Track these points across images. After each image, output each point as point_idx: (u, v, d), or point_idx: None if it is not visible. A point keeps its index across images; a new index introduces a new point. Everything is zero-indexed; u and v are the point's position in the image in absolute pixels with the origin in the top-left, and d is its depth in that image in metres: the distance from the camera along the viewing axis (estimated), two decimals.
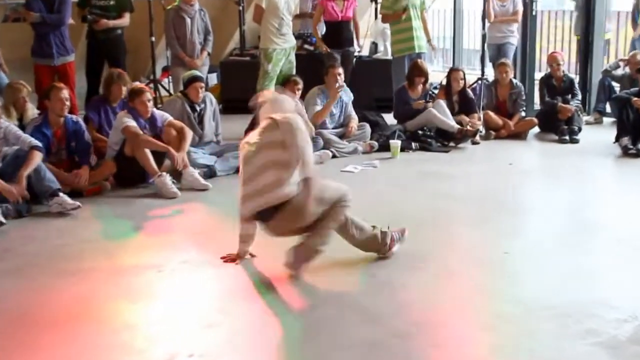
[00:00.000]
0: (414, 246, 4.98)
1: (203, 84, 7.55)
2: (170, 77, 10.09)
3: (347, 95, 8.65)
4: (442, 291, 4.23)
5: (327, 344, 3.56)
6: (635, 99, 8.31)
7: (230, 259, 4.69)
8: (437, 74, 10.51)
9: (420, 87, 9.05)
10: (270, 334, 3.70)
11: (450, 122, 8.73)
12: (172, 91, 9.87)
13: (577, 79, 10.24)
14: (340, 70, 8.47)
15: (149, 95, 6.86)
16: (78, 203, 5.97)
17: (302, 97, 8.04)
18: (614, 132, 8.52)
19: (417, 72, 9.01)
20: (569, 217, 5.80)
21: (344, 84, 8.59)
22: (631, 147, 8.00)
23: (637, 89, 8.59)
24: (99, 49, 9.02)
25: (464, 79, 9.25)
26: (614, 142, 8.38)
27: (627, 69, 10.08)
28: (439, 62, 14.42)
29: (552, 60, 9.60)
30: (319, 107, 8.27)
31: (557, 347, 3.45)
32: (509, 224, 5.60)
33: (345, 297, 4.13)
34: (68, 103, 6.64)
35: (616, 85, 10.25)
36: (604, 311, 3.84)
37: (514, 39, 10.69)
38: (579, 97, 9.62)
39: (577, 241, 5.13)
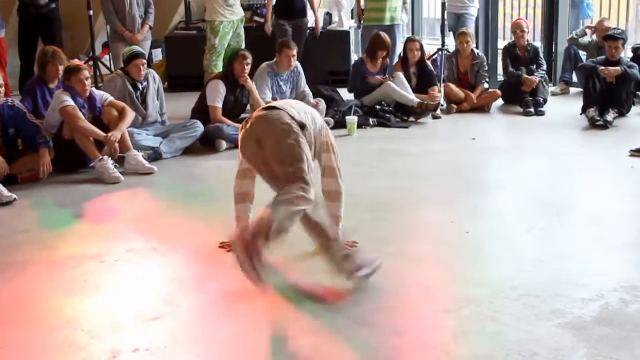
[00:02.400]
0: (374, 229, 5.00)
1: (144, 60, 7.46)
2: (110, 54, 9.98)
3: (299, 69, 8.62)
4: (403, 275, 4.23)
5: (281, 333, 3.56)
6: (602, 67, 8.41)
7: (227, 244, 4.39)
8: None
9: (380, 60, 9.06)
10: (219, 325, 3.68)
11: (409, 95, 8.76)
12: (113, 69, 9.77)
13: (541, 48, 10.32)
14: (295, 51, 8.42)
15: (86, 73, 6.76)
16: (14, 196, 5.88)
17: (251, 73, 7.99)
18: (580, 102, 8.62)
19: (379, 45, 9.00)
20: (535, 194, 5.85)
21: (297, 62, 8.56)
22: (598, 118, 8.10)
23: (604, 57, 8.68)
24: (32, 24, 8.89)
25: (421, 49, 9.27)
26: (581, 114, 8.48)
27: (594, 37, 10.19)
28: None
29: (516, 26, 9.67)
30: (269, 94, 8.22)
31: (522, 329, 3.48)
32: (473, 203, 5.64)
33: (300, 284, 4.12)
34: (2, 89, 6.45)
35: (583, 54, 10.35)
36: (570, 290, 3.89)
37: (474, 9, 10.75)
38: (544, 67, 9.71)
39: (543, 219, 5.18)
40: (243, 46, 9.18)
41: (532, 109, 9.01)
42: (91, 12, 9.77)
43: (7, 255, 4.73)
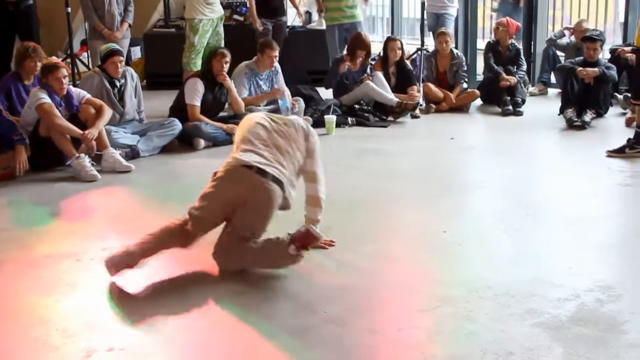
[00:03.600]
0: (350, 228, 5.02)
1: (122, 58, 7.43)
2: (88, 52, 9.92)
3: (277, 68, 8.61)
4: (379, 275, 4.25)
5: (255, 332, 3.55)
6: (580, 69, 8.47)
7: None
8: (377, 45, 10.54)
9: (359, 60, 9.06)
10: (195, 325, 3.68)
11: (388, 95, 8.78)
12: (91, 66, 9.72)
13: (522, 50, 10.37)
14: (277, 51, 8.42)
15: (64, 71, 6.70)
16: None
17: (230, 71, 7.98)
18: (558, 103, 8.68)
19: (360, 44, 9.01)
20: (512, 194, 5.89)
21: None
22: (576, 119, 8.16)
23: (582, 58, 8.74)
24: (9, 20, 8.81)
25: (402, 49, 9.29)
26: (559, 114, 8.54)
27: (573, 38, 10.25)
28: (377, 32, 14.46)
29: (499, 24, 9.76)
30: (246, 92, 8.24)
31: (497, 328, 3.50)
32: (450, 203, 5.66)
33: (274, 283, 4.13)
34: None
35: (561, 55, 10.41)
36: (546, 290, 3.92)
37: (453, 10, 10.78)
38: (524, 67, 9.78)
39: (519, 220, 5.20)
40: (222, 44, 9.16)
41: (510, 107, 9.06)
42: (69, 9, 9.68)
43: None
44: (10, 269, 4.45)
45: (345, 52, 9.28)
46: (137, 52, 12.04)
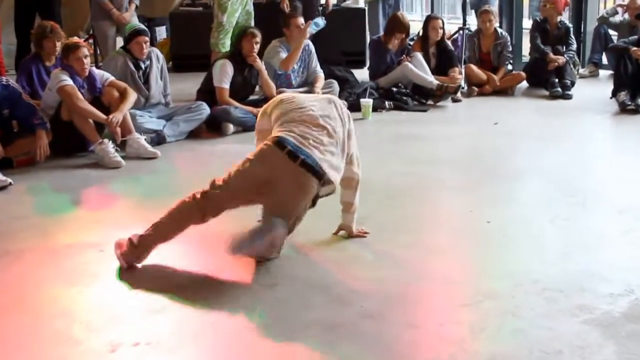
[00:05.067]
0: (388, 217, 5.01)
1: (147, 38, 7.45)
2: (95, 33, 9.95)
3: (311, 48, 8.60)
4: (419, 267, 4.24)
5: (288, 327, 3.55)
6: (635, 48, 8.36)
7: None
8: (415, 25, 10.50)
9: (398, 41, 9.03)
10: (223, 320, 3.68)
11: (428, 77, 8.75)
12: (100, 51, 9.76)
13: (572, 27, 10.27)
14: (302, 20, 8.42)
15: (85, 50, 6.74)
16: (9, 180, 5.90)
17: (260, 53, 7.98)
18: (610, 86, 8.58)
19: (398, 27, 8.97)
20: (561, 182, 5.83)
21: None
22: (629, 102, 8.06)
23: (636, 37, 8.63)
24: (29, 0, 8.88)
25: (443, 28, 9.24)
26: (611, 98, 8.44)
27: (626, 15, 10.14)
28: (416, 10, 14.41)
29: (547, 0, 9.63)
30: (284, 54, 8.25)
31: (545, 325, 3.47)
32: (494, 190, 5.63)
33: (308, 275, 4.13)
34: None
35: (613, 34, 10.30)
36: (597, 285, 3.88)
37: None
38: (574, 47, 9.68)
39: (568, 209, 5.16)
40: (252, 24, 9.15)
41: (558, 89, 8.98)
42: None
43: (2, 243, 4.73)
44: (30, 258, 4.48)
45: (382, 34, 9.25)
46: (162, 32, 12.09)
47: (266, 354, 3.37)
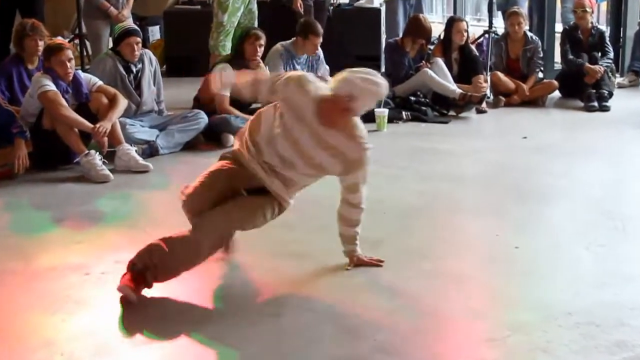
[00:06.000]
0: (405, 240, 5.01)
1: (139, 39, 7.48)
2: (83, 35, 10.00)
3: (319, 54, 8.63)
4: (439, 295, 4.23)
5: (295, 358, 3.56)
6: None
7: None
8: (436, 27, 10.51)
9: (416, 46, 9.06)
10: (220, 352, 3.68)
11: (450, 85, 8.75)
12: (90, 52, 9.80)
13: (607, 32, 10.28)
14: (321, 39, 8.43)
15: (69, 53, 6.73)
16: None
17: (264, 56, 8.00)
18: None
19: (419, 31, 8.98)
20: (597, 204, 5.83)
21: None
22: None
23: None
24: None
25: (467, 31, 9.26)
26: None
27: None
28: (436, 11, 14.45)
29: (578, 5, 9.64)
30: (280, 66, 8.27)
31: None
32: (523, 213, 5.63)
33: (317, 304, 4.13)
34: None
35: None
36: (637, 319, 3.87)
37: None
38: (611, 54, 9.68)
39: (605, 234, 5.16)
40: (256, 24, 9.19)
41: (595, 104, 8.99)
42: None
43: None
44: (8, 282, 4.48)
45: (400, 36, 9.28)
46: (155, 33, 12.14)
47: None
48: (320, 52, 8.60)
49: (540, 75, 9.75)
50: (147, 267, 4.11)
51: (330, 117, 4.24)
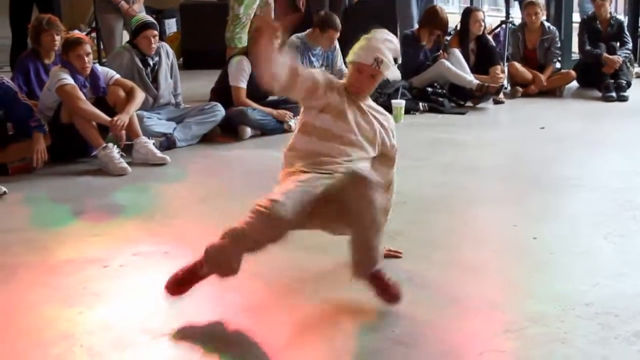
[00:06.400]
0: (423, 232, 5.00)
1: (156, 32, 7.48)
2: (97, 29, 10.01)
3: (335, 44, 8.62)
4: (457, 286, 4.22)
5: (314, 354, 3.55)
6: None
7: None
8: (452, 17, 10.47)
9: (433, 38, 9.03)
10: (237, 346, 3.68)
11: (467, 76, 8.73)
12: (104, 46, 9.81)
13: (625, 22, 10.23)
14: (338, 34, 8.42)
15: (87, 47, 6.76)
16: (4, 188, 5.93)
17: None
18: None
19: (435, 22, 8.95)
20: (616, 194, 5.80)
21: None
22: None
23: None
24: None
25: (484, 21, 9.23)
26: None
27: None
28: (452, 2, 14.40)
29: None
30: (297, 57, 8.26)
31: (598, 353, 3.44)
32: (540, 203, 5.62)
33: (335, 296, 4.12)
34: None
35: None
36: None
37: None
38: (629, 45, 9.64)
39: (624, 224, 5.14)
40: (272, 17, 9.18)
41: (613, 94, 8.95)
42: None
43: None
44: (25, 276, 4.49)
45: (416, 27, 9.25)
46: (172, 26, 12.15)
47: None
48: (336, 44, 8.58)
49: (558, 65, 9.72)
50: None
51: (360, 86, 4.30)
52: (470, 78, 8.72)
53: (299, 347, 3.63)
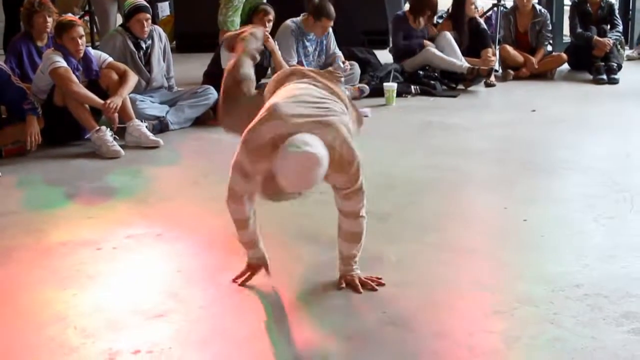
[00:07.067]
0: (414, 214, 5.01)
1: (149, 15, 7.46)
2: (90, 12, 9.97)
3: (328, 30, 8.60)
4: (448, 269, 4.24)
5: (303, 335, 3.57)
6: None
7: (242, 275, 4.09)
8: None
9: (422, 19, 9.02)
10: (232, 324, 3.69)
11: (456, 61, 8.72)
12: (98, 29, 9.78)
13: (616, 5, 10.23)
14: (332, 22, 8.37)
15: (80, 29, 6.75)
16: None
17: (273, 32, 7.98)
18: None
19: (426, 4, 8.93)
20: (606, 177, 5.81)
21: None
22: None
23: None
24: None
25: (475, 4, 9.23)
26: None
27: None
28: None
29: None
30: (295, 58, 8.21)
31: (587, 335, 3.46)
32: (531, 186, 5.63)
33: (327, 277, 4.11)
34: None
35: None
36: None
37: None
38: (620, 27, 9.64)
39: (614, 206, 5.15)
40: (264, 0, 9.16)
41: (604, 76, 8.96)
42: None
43: None
44: (20, 258, 4.50)
45: (406, 9, 9.24)
46: (165, 9, 12.11)
47: None
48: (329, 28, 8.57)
49: (549, 48, 9.72)
50: None
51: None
52: (460, 63, 8.72)
53: (290, 328, 3.64)
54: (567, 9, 10.46)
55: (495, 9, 10.38)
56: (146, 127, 6.86)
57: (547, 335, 3.49)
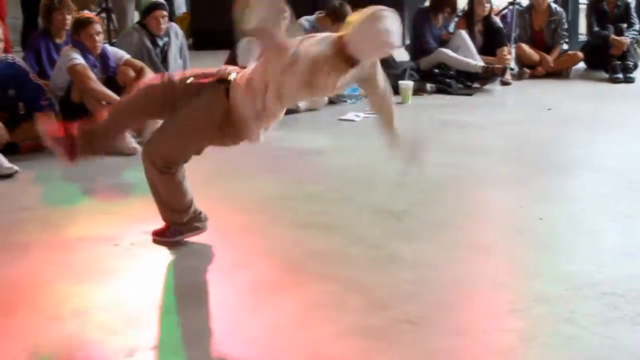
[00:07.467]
0: (430, 212, 5.01)
1: (166, 13, 7.48)
2: (108, 10, 9.99)
3: None
4: (464, 267, 4.24)
5: (322, 332, 3.56)
6: None
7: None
8: None
9: (441, 16, 9.02)
10: (249, 324, 3.70)
11: (470, 61, 8.71)
12: (117, 26, 9.80)
13: (633, 3, 10.20)
14: None
15: (98, 26, 6.79)
16: (15, 167, 5.95)
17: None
18: None
19: (446, 2, 8.92)
20: (623, 175, 5.80)
21: None
22: None
23: None
24: None
25: (490, 3, 9.22)
26: None
27: None
28: None
29: None
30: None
31: (603, 334, 3.46)
32: (547, 184, 5.63)
33: (343, 275, 4.13)
34: (1, 45, 6.47)
35: None
36: None
37: None
38: (636, 26, 9.62)
39: (630, 205, 5.15)
40: None
41: (620, 75, 8.94)
42: None
43: (7, 236, 4.77)
44: (38, 253, 4.52)
45: (427, 4, 9.24)
46: (181, 6, 12.12)
47: None
48: None
49: (565, 46, 9.70)
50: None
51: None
52: (475, 62, 8.71)
53: (306, 326, 3.64)
54: (582, 7, 10.43)
55: (511, 7, 10.36)
56: None
57: (563, 334, 3.49)
